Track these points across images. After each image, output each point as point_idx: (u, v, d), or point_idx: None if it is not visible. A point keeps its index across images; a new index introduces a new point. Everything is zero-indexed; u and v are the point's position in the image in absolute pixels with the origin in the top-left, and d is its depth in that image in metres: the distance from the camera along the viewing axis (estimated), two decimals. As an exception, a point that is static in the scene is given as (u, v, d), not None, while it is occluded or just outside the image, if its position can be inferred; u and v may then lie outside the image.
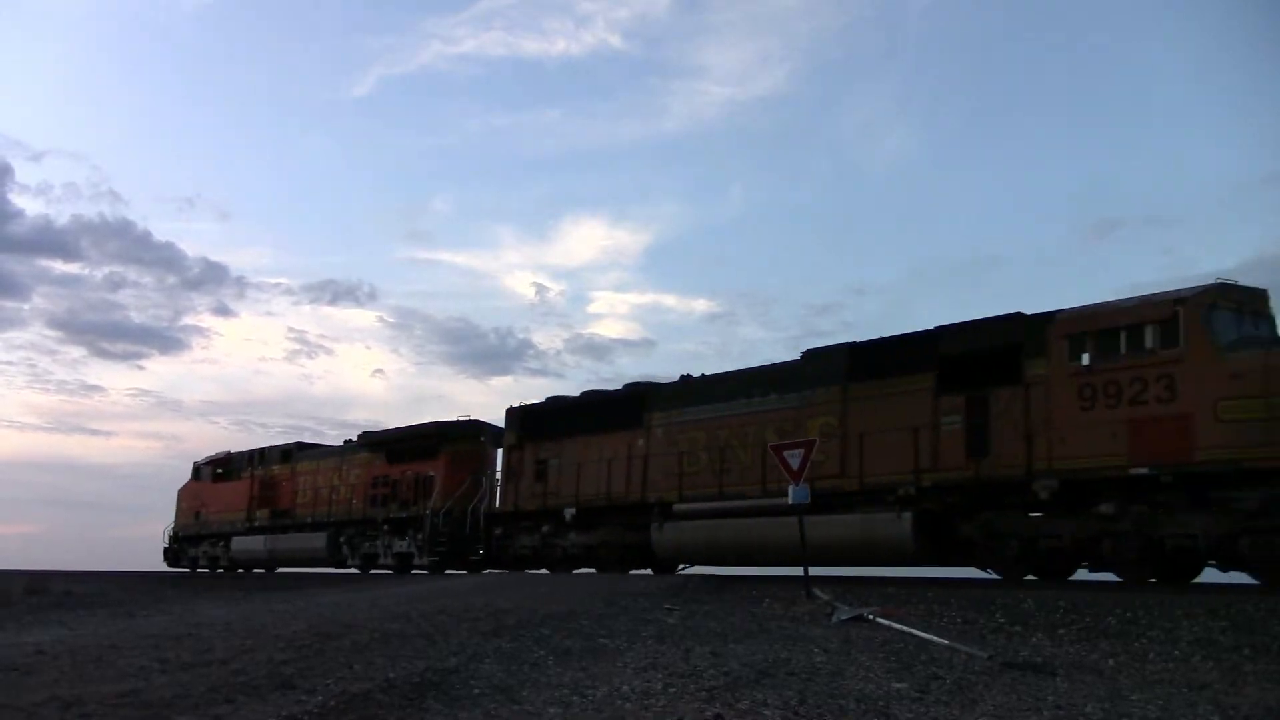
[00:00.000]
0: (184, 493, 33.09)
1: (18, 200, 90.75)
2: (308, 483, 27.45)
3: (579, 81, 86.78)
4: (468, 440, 23.68)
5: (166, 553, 33.51)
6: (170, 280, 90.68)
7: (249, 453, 30.58)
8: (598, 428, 19.82)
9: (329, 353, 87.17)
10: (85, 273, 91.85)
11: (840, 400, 15.86)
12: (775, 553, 15.66)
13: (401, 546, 23.97)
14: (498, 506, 21.75)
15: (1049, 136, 70.79)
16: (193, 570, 31.85)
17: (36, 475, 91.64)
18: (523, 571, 20.10)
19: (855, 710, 5.79)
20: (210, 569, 31.23)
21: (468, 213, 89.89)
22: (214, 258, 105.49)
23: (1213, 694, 6.34)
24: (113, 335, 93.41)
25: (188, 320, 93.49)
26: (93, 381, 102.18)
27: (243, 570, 29.33)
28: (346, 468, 26.35)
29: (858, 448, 15.32)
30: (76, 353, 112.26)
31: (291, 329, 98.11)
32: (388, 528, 24.38)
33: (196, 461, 32.79)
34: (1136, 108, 65.90)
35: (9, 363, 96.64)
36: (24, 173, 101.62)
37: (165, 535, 33.68)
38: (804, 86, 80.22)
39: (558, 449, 20.44)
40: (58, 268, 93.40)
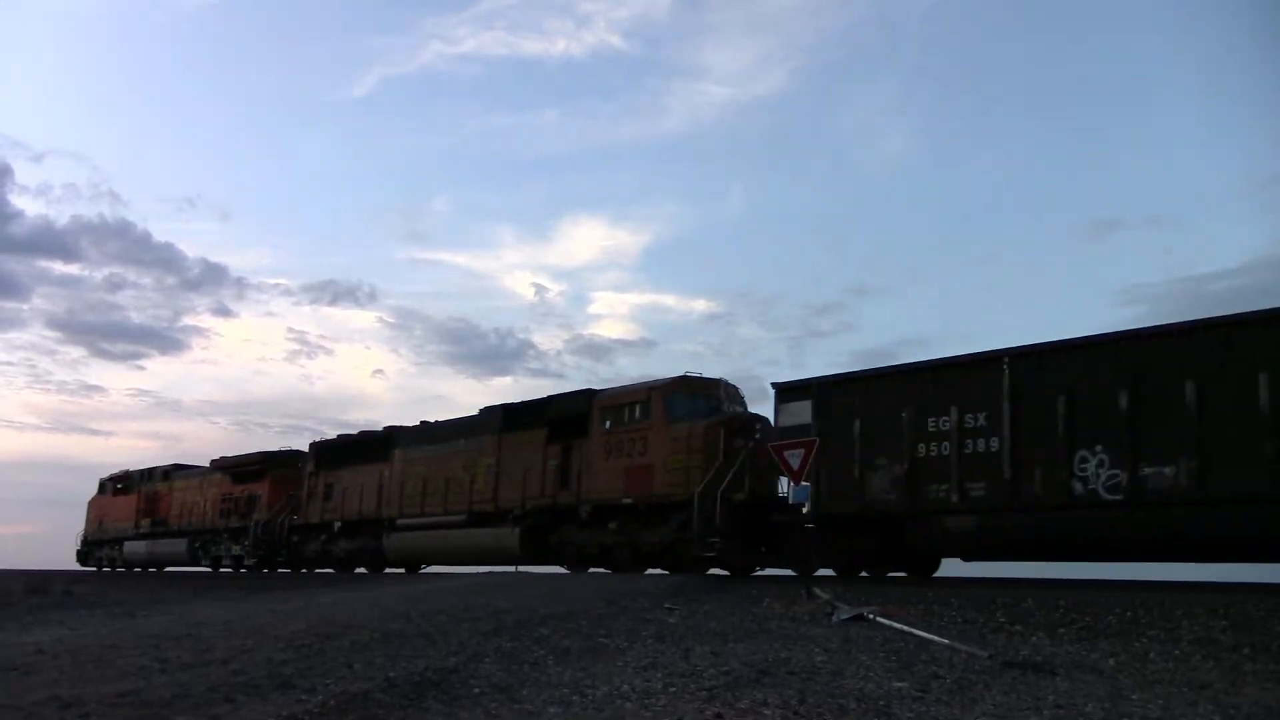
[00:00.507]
0: (92, 504, 38.78)
1: (18, 201, 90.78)
2: (179, 498, 33.32)
3: (579, 81, 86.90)
4: (288, 466, 28.91)
5: (79, 554, 38.91)
6: (170, 281, 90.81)
7: (140, 471, 36.41)
8: (364, 459, 25.64)
9: (329, 353, 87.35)
10: (85, 273, 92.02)
11: (497, 446, 21.65)
12: (451, 555, 22.85)
13: (236, 550, 29.74)
14: (299, 520, 27.60)
15: (1049, 136, 70.86)
16: (99, 569, 36.88)
17: (36, 475, 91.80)
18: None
19: (855, 710, 5.79)
20: (111, 568, 36.37)
21: (468, 213, 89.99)
22: (214, 258, 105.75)
23: (1213, 693, 6.33)
24: (112, 336, 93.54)
25: (187, 321, 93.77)
26: (93, 382, 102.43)
27: (139, 570, 34.68)
28: (205, 486, 32.10)
29: (501, 481, 21.31)
30: (76, 353, 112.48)
31: (291, 329, 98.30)
32: (228, 535, 30.41)
33: (102, 478, 38.33)
34: (1137, 108, 65.93)
35: (9, 363, 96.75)
36: (24, 173, 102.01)
37: (77, 539, 39.30)
38: (804, 87, 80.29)
39: (338, 476, 26.38)
40: (58, 268, 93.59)
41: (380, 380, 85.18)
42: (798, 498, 12.87)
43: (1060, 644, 8.36)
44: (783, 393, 16.49)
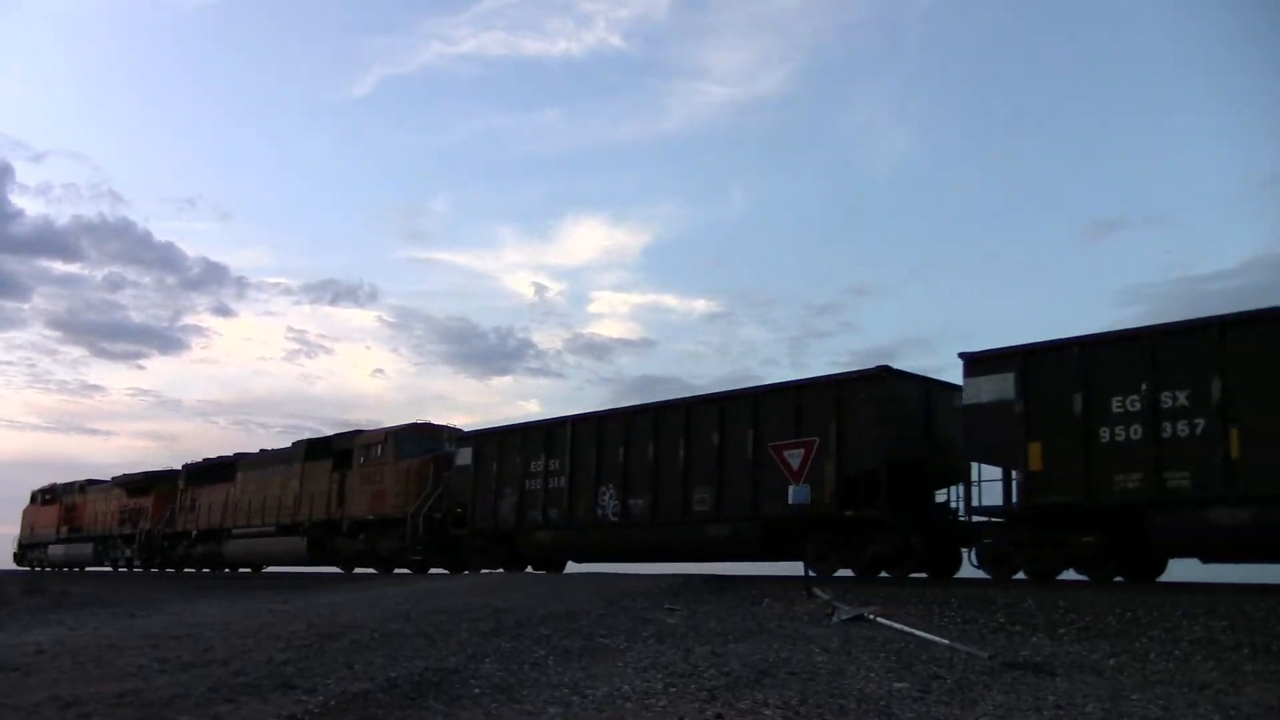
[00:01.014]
0: (26, 512, 44.47)
1: (18, 200, 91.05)
2: (90, 508, 38.68)
3: (579, 81, 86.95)
4: (168, 483, 33.89)
5: (15, 556, 44.40)
6: (170, 280, 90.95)
7: (63, 485, 41.85)
8: (217, 480, 30.97)
9: (329, 353, 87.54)
10: (85, 273, 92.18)
11: (300, 473, 26.84)
12: (264, 558, 29.23)
13: (129, 553, 35.38)
14: (172, 529, 32.97)
15: (1049, 136, 70.89)
16: (32, 570, 41.49)
17: (37, 475, 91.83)
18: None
19: (856, 710, 5.79)
20: (42, 568, 41.20)
21: (468, 213, 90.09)
22: (214, 258, 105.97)
23: (1213, 693, 6.34)
24: (113, 335, 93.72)
25: (188, 320, 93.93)
26: (93, 381, 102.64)
27: (63, 569, 39.34)
28: (108, 499, 37.29)
29: (300, 500, 26.50)
30: (76, 353, 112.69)
31: (291, 329, 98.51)
32: (123, 540, 35.92)
33: (34, 490, 44.02)
34: (1137, 108, 65.94)
35: (9, 363, 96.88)
36: (25, 173, 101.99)
37: (15, 543, 45.05)
38: (804, 87, 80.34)
39: (200, 492, 31.66)
40: (58, 268, 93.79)
41: (380, 380, 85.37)
42: (797, 498, 12.82)
43: (1060, 644, 8.35)
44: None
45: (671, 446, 17.50)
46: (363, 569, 24.78)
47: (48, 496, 42.41)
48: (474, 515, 21.37)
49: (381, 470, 23.75)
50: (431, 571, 22.41)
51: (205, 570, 31.62)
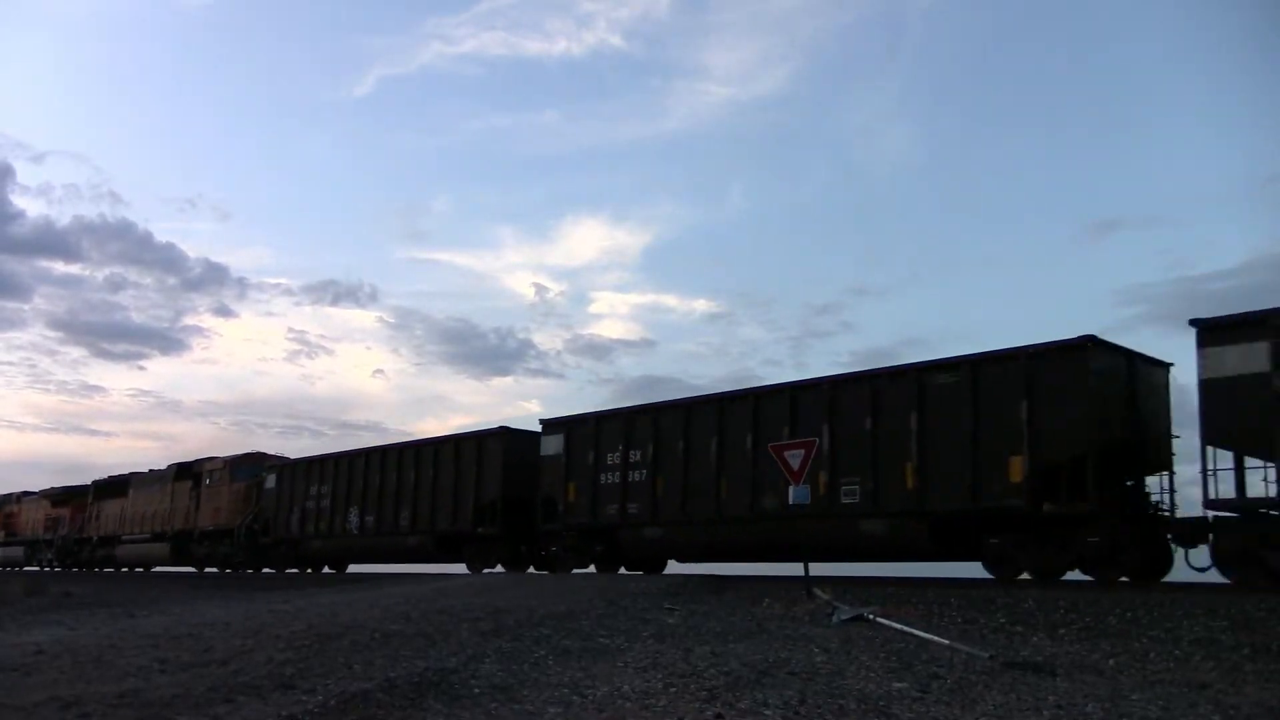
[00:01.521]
0: None
1: (19, 201, 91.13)
2: (24, 516, 44.36)
3: (580, 81, 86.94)
4: (83, 496, 39.19)
5: None
6: (171, 281, 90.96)
7: (4, 495, 47.24)
8: (114, 495, 36.21)
9: (329, 353, 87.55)
10: (86, 273, 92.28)
11: (171, 490, 32.30)
12: (148, 561, 34.24)
13: (50, 555, 40.97)
14: (82, 534, 38.35)
15: (1049, 136, 70.88)
16: None
17: (36, 475, 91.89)
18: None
19: (856, 710, 5.79)
20: None
21: (468, 213, 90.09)
22: (215, 258, 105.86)
23: (1213, 693, 6.33)
24: (113, 336, 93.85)
25: (188, 321, 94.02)
26: (93, 382, 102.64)
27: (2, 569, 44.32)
28: (38, 508, 42.85)
29: (171, 513, 31.93)
30: (77, 353, 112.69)
31: (292, 329, 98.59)
32: (46, 545, 41.50)
33: None
34: (1137, 108, 65.94)
35: (10, 363, 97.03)
36: (25, 174, 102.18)
37: None
38: (805, 87, 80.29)
39: (103, 505, 36.85)
40: (59, 268, 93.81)
41: (380, 380, 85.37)
42: (798, 498, 12.82)
43: (1061, 644, 8.35)
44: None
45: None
46: (210, 568, 31.12)
47: None
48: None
49: (221, 489, 30.19)
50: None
51: (108, 570, 37.03)
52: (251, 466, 29.98)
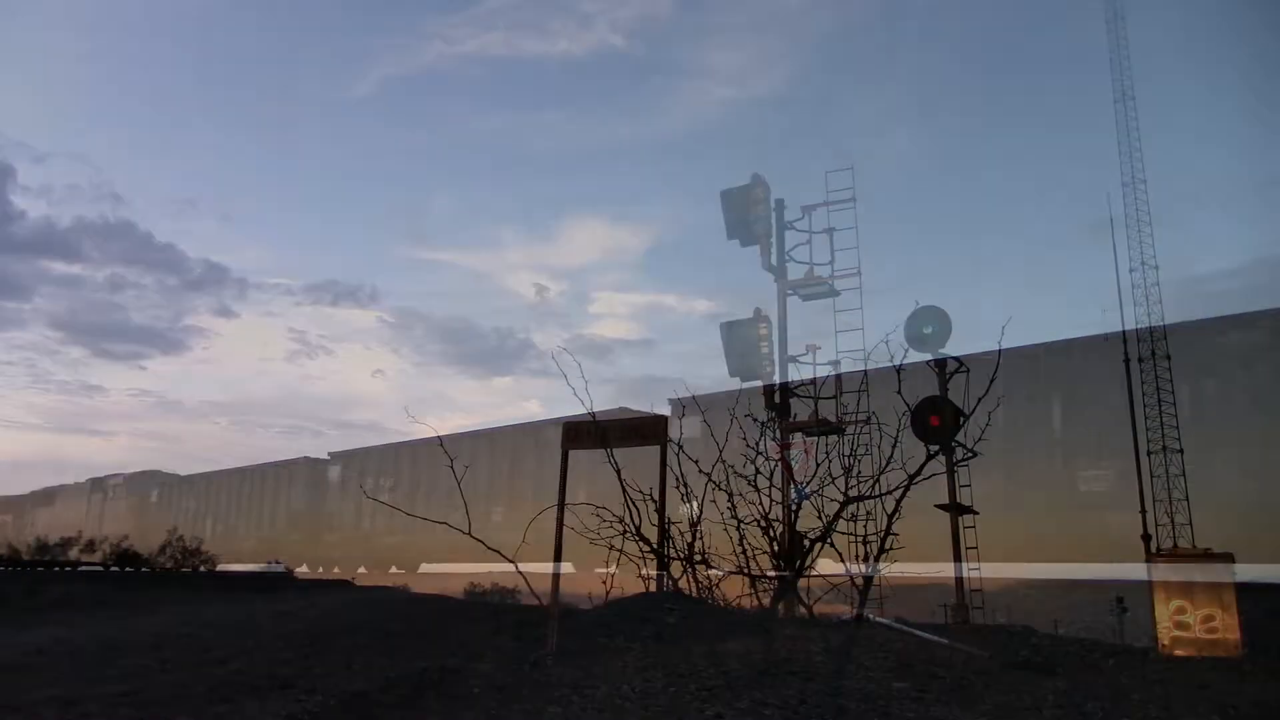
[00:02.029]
0: None
1: (20, 201, 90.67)
2: None
3: (580, 81, 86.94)
4: (20, 505, 44.28)
5: None
6: (171, 281, 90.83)
7: None
8: (44, 505, 44.27)
9: (330, 353, 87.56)
10: (87, 274, 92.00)
11: (88, 502, 43.32)
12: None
13: None
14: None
15: (1049, 136, 70.86)
16: None
17: (37, 475, 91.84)
18: None
19: (855, 710, 5.78)
20: None
21: (469, 212, 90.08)
22: (215, 258, 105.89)
23: (1213, 693, 6.33)
24: (114, 336, 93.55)
25: (189, 321, 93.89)
26: (94, 382, 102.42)
27: None
28: None
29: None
30: (77, 353, 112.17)
31: (292, 329, 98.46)
32: None
33: None
34: (1136, 107, 65.85)
35: (10, 363, 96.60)
36: (26, 174, 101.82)
37: None
38: (805, 86, 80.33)
39: (39, 513, 44.60)
40: (59, 269, 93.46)
41: (380, 380, 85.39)
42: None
43: (1061, 644, 8.35)
44: None
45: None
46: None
47: None
48: None
49: (120, 503, 36.03)
50: None
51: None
52: (145, 482, 36.42)
